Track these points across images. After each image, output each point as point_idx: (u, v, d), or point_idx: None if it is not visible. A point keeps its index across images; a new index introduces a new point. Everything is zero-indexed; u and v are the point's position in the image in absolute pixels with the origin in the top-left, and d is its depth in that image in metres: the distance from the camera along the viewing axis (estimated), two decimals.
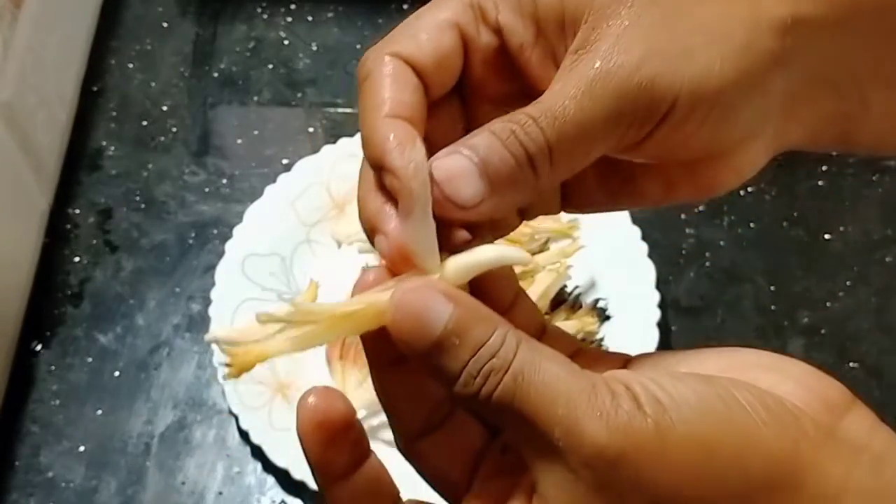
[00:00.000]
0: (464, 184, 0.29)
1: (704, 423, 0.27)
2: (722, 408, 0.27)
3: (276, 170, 0.75)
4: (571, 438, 0.27)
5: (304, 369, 0.68)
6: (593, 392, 0.27)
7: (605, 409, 0.27)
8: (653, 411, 0.27)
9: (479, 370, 0.28)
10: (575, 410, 0.27)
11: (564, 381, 0.28)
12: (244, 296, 0.69)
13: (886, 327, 0.71)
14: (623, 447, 0.26)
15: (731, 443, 0.27)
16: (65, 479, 0.64)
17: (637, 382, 0.28)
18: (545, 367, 0.28)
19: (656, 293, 0.67)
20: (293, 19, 0.85)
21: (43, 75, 0.71)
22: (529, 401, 0.27)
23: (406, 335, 0.29)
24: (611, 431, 0.26)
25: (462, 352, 0.28)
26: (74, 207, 0.75)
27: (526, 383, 0.28)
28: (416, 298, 0.29)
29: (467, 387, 0.28)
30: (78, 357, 0.69)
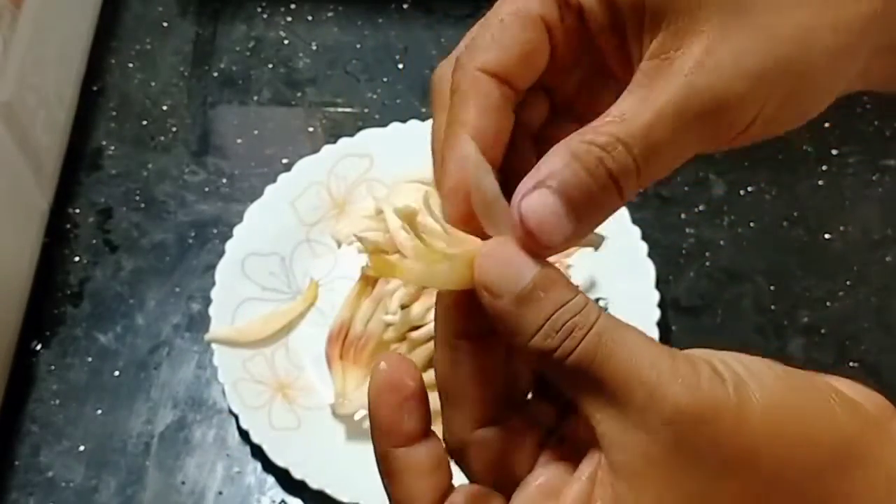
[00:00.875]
0: (553, 229, 0.29)
1: (781, 395, 0.28)
2: (799, 383, 0.28)
3: (276, 169, 0.75)
4: (654, 397, 0.27)
5: (304, 369, 0.68)
6: (674, 359, 0.28)
7: (686, 374, 0.27)
8: (732, 380, 0.27)
9: (563, 325, 0.28)
10: (658, 372, 0.27)
11: (646, 346, 0.28)
12: (244, 295, 0.69)
13: (886, 327, 0.71)
14: (704, 409, 0.27)
15: (807, 415, 0.28)
16: (65, 478, 0.65)
17: (714, 356, 0.28)
18: (628, 332, 0.29)
19: (656, 293, 0.67)
20: (293, 19, 0.85)
21: (43, 75, 0.71)
22: (612, 359, 0.28)
23: (492, 281, 0.29)
24: (693, 393, 0.27)
25: (546, 304, 0.28)
26: (74, 207, 0.75)
27: (610, 341, 0.28)
28: (506, 249, 0.29)
29: (547, 339, 0.28)
30: (78, 357, 0.69)
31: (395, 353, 0.32)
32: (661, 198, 0.76)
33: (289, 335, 0.69)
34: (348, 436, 0.65)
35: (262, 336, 0.68)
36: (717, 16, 0.28)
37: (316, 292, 0.70)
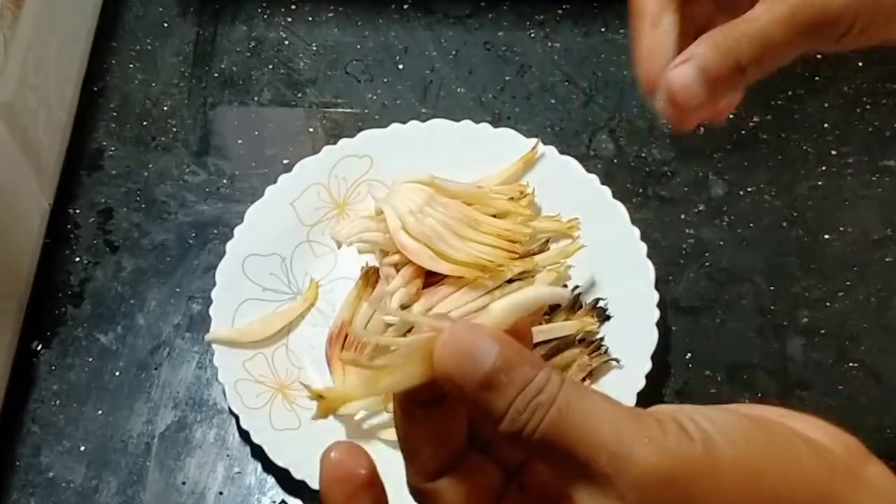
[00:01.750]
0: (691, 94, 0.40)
1: (750, 448, 0.28)
2: (765, 436, 0.28)
3: (277, 170, 0.75)
4: (620, 462, 0.27)
5: (304, 369, 0.68)
6: (639, 420, 0.28)
7: (652, 434, 0.27)
8: (700, 436, 0.27)
9: (526, 406, 0.28)
10: (622, 435, 0.27)
11: (610, 411, 0.28)
12: (244, 296, 0.69)
13: (886, 327, 0.71)
14: (673, 468, 0.27)
15: (777, 466, 0.28)
16: (65, 478, 0.65)
17: (681, 413, 0.28)
18: (589, 399, 0.28)
19: (656, 293, 0.67)
20: (293, 19, 0.85)
21: (43, 75, 0.71)
22: (575, 429, 0.28)
23: (453, 372, 0.29)
24: (660, 453, 0.27)
25: (509, 389, 0.29)
26: (75, 207, 0.75)
27: (571, 413, 0.28)
28: (464, 337, 0.29)
29: (514, 423, 0.28)
30: (78, 357, 0.69)
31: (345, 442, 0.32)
32: (661, 198, 0.76)
33: (289, 335, 0.69)
34: (348, 436, 0.65)
35: (262, 336, 0.68)
36: None
37: (316, 293, 0.71)
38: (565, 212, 0.71)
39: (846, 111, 0.80)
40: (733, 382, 0.68)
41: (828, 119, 0.79)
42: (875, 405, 0.66)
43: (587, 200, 0.71)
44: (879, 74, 0.82)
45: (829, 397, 0.67)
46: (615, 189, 0.72)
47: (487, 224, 0.68)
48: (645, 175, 0.77)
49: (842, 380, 0.68)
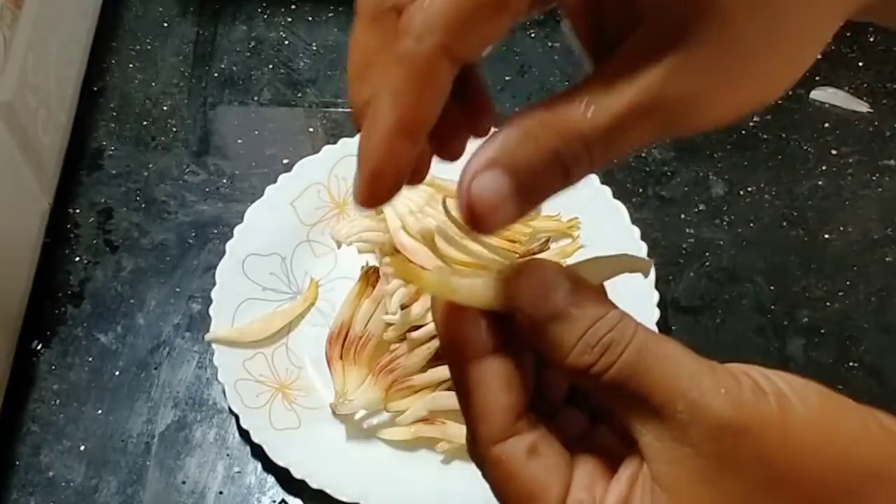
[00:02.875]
0: (501, 212, 0.28)
1: (824, 411, 0.28)
2: (837, 401, 0.28)
3: (277, 170, 0.75)
4: (696, 410, 0.27)
5: (304, 369, 0.68)
6: (715, 371, 0.28)
7: (729, 387, 0.27)
8: (775, 394, 0.28)
9: (598, 341, 0.28)
10: (700, 385, 0.27)
11: (687, 359, 0.28)
12: (244, 295, 0.69)
13: (886, 327, 0.71)
14: (748, 422, 0.27)
15: (849, 432, 0.28)
16: (65, 478, 0.65)
17: (756, 371, 0.28)
18: (667, 344, 0.29)
19: (656, 293, 0.67)
20: (293, 19, 0.85)
21: (43, 75, 0.71)
22: (652, 373, 0.28)
23: (527, 298, 0.29)
24: (736, 405, 0.27)
25: (580, 321, 0.29)
26: (74, 207, 0.75)
27: (651, 356, 0.28)
28: (537, 268, 0.29)
29: (583, 356, 0.28)
30: (78, 356, 0.69)
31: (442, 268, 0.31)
32: (661, 198, 0.76)
33: (289, 335, 0.69)
34: (348, 436, 0.65)
35: (262, 336, 0.68)
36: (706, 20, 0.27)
37: (316, 292, 0.71)
38: (565, 212, 0.71)
39: (846, 111, 0.80)
40: None
41: (828, 119, 0.79)
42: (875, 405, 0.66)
43: (587, 200, 0.71)
44: (880, 74, 0.82)
45: None
46: (615, 189, 0.72)
47: None
48: (645, 175, 0.77)
49: (842, 380, 0.68)
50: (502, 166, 0.28)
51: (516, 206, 0.29)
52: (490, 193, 0.28)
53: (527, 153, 0.28)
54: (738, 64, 0.28)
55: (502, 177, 0.28)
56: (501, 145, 0.28)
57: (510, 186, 0.28)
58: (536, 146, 0.28)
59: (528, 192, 0.29)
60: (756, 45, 0.28)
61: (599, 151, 0.28)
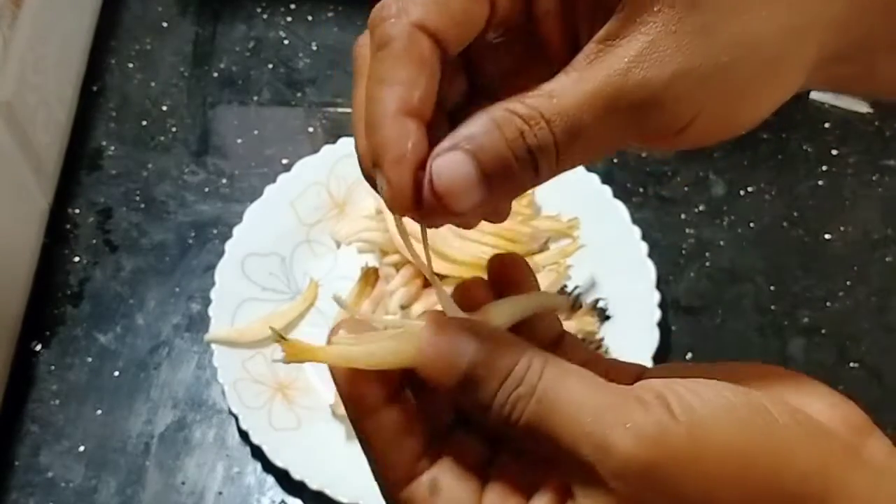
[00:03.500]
0: (464, 195, 0.28)
1: (741, 434, 0.27)
2: (758, 421, 0.27)
3: (276, 170, 0.75)
4: (599, 452, 0.27)
5: (303, 369, 0.68)
6: (622, 404, 0.27)
7: (633, 419, 0.27)
8: (686, 419, 0.26)
9: (507, 398, 0.28)
10: (602, 423, 0.27)
11: (591, 397, 0.28)
12: (244, 295, 0.69)
13: (886, 327, 0.70)
14: (653, 455, 0.26)
15: (768, 455, 0.27)
16: (64, 478, 0.64)
17: (670, 390, 0.27)
18: (570, 386, 0.28)
19: (656, 293, 0.67)
20: (293, 19, 0.85)
21: (43, 75, 0.71)
22: (554, 421, 0.27)
23: (435, 373, 0.29)
24: (640, 441, 0.26)
25: (491, 383, 0.28)
26: (74, 207, 0.75)
27: (550, 404, 0.28)
28: (440, 340, 0.29)
29: (499, 415, 0.28)
30: (78, 357, 0.69)
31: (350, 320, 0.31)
32: (661, 198, 0.76)
33: (289, 335, 0.69)
34: (348, 436, 0.65)
35: (261, 336, 0.68)
36: (668, 9, 0.27)
37: (316, 292, 0.70)
38: (565, 212, 0.71)
39: (846, 111, 0.80)
40: None
41: (828, 119, 0.79)
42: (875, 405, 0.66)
43: (587, 200, 0.71)
44: None
45: None
46: (615, 189, 0.72)
47: (487, 224, 0.67)
48: (645, 175, 0.77)
49: (842, 380, 0.68)
50: (467, 150, 0.28)
51: (481, 193, 0.28)
52: (454, 175, 0.28)
53: (491, 137, 0.28)
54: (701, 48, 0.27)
55: (467, 159, 0.28)
56: (467, 129, 0.28)
57: (475, 170, 0.28)
58: (501, 131, 0.28)
59: (493, 180, 0.28)
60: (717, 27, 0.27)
61: (565, 140, 0.28)
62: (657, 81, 0.27)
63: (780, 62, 0.28)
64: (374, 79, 0.29)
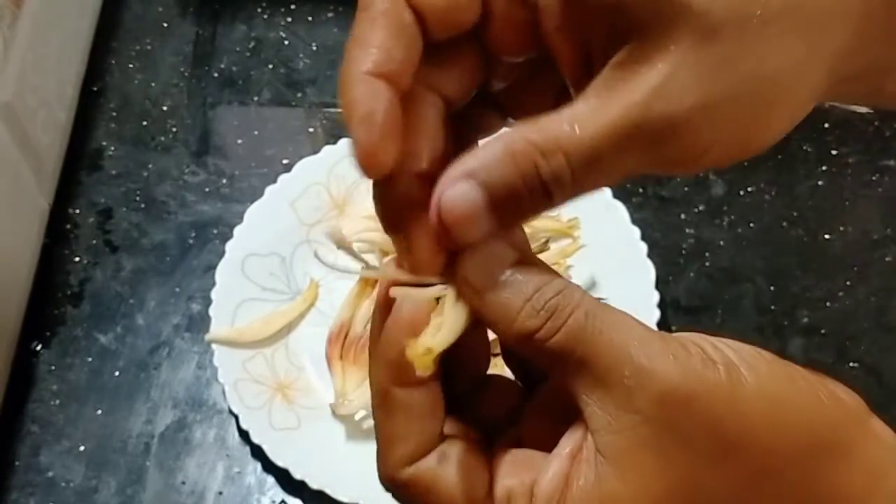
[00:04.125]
0: (472, 226, 0.28)
1: (773, 381, 0.28)
2: (787, 371, 0.28)
3: (277, 170, 0.75)
4: (643, 376, 0.27)
5: (304, 369, 0.68)
6: (664, 341, 0.28)
7: (677, 354, 0.27)
8: (724, 363, 0.27)
9: (544, 304, 0.28)
10: (648, 351, 0.27)
11: (635, 326, 0.28)
12: (244, 296, 0.69)
13: (886, 327, 0.71)
14: (695, 389, 0.27)
15: (798, 400, 0.28)
16: (64, 478, 0.64)
17: (706, 340, 0.28)
18: (614, 311, 0.28)
19: (656, 293, 0.67)
20: (293, 19, 0.85)
21: (43, 75, 0.71)
22: (599, 338, 0.27)
23: (473, 274, 0.29)
24: (684, 372, 0.27)
25: (526, 285, 0.28)
26: (74, 207, 0.75)
27: (599, 320, 0.28)
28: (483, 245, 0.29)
29: (530, 320, 0.28)
30: (78, 357, 0.69)
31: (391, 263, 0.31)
32: (661, 198, 0.76)
33: (289, 335, 0.69)
34: (348, 436, 0.65)
35: (262, 336, 0.68)
36: (688, 37, 0.27)
37: (316, 292, 0.70)
38: (565, 212, 0.71)
39: (846, 111, 0.80)
40: None
41: (828, 119, 0.79)
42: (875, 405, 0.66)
43: (587, 200, 0.71)
44: None
45: None
46: (615, 189, 0.72)
47: None
48: (645, 175, 0.77)
49: (842, 380, 0.68)
50: (477, 179, 0.27)
51: (489, 223, 0.28)
52: (461, 205, 0.27)
53: (504, 168, 0.27)
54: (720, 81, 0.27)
55: (476, 189, 0.27)
56: (479, 158, 0.28)
57: (484, 200, 0.27)
58: (515, 162, 0.27)
59: (503, 210, 0.28)
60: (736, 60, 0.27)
61: (582, 172, 0.27)
62: (677, 114, 0.27)
63: (794, 91, 0.28)
64: (351, 40, 0.28)
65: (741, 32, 0.27)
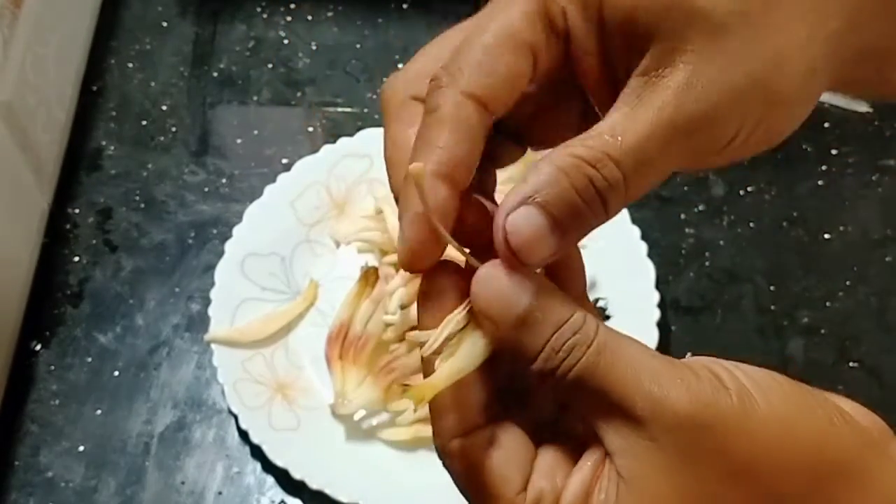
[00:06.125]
0: (538, 247, 0.29)
1: (787, 409, 0.28)
2: (800, 396, 0.29)
3: (276, 169, 0.75)
4: (656, 406, 0.28)
5: (303, 369, 0.68)
6: (675, 368, 0.28)
7: (689, 382, 0.28)
8: (736, 389, 0.28)
9: (563, 345, 0.29)
10: (659, 381, 0.28)
11: (647, 357, 0.29)
12: (244, 295, 0.69)
13: (886, 327, 0.71)
14: (706, 417, 0.27)
15: (811, 426, 0.28)
16: (64, 478, 0.64)
17: (718, 365, 0.29)
18: (628, 343, 0.29)
19: (656, 293, 0.67)
20: (293, 19, 0.85)
21: (43, 75, 0.71)
22: (613, 372, 0.28)
23: (492, 309, 0.29)
24: (695, 401, 0.28)
25: (545, 327, 0.29)
26: (74, 207, 0.75)
27: (611, 355, 0.29)
28: (499, 277, 0.29)
29: (549, 361, 0.29)
30: (78, 357, 0.69)
31: None
32: (661, 198, 0.76)
33: (288, 335, 0.69)
34: (348, 436, 0.65)
35: (261, 336, 0.68)
36: (702, 37, 0.29)
37: (315, 292, 0.70)
38: None
39: (846, 111, 0.80)
40: None
41: (828, 119, 0.79)
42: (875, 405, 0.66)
43: None
44: None
45: None
46: None
47: None
48: None
49: (842, 380, 0.68)
50: (536, 203, 0.29)
51: (555, 242, 0.29)
52: (525, 230, 0.29)
53: (559, 185, 0.29)
54: (738, 69, 0.29)
55: (537, 213, 0.29)
56: (534, 182, 0.29)
57: (547, 221, 0.29)
58: (568, 178, 0.29)
59: (565, 227, 0.29)
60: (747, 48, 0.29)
61: (633, 176, 0.29)
62: (706, 106, 0.29)
63: (807, 72, 0.30)
64: (419, 140, 0.30)
65: (747, 23, 0.29)
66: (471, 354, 0.30)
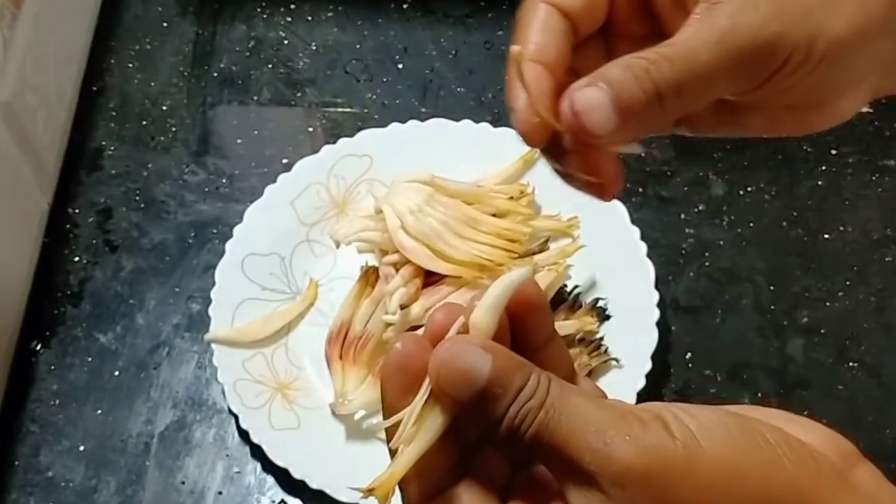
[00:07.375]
0: (598, 116, 0.34)
1: (732, 450, 0.29)
2: (748, 437, 0.29)
3: (276, 169, 0.75)
4: (601, 460, 0.28)
5: (303, 369, 0.68)
6: (622, 419, 0.29)
7: (633, 433, 0.29)
8: (682, 435, 0.28)
9: (518, 412, 0.29)
10: (604, 435, 0.29)
11: (593, 411, 0.29)
12: (244, 295, 0.69)
13: (886, 327, 0.70)
14: (651, 465, 0.28)
15: (758, 469, 0.28)
16: (64, 478, 0.65)
17: (667, 411, 0.29)
18: (574, 400, 0.30)
19: (656, 293, 0.67)
20: (293, 19, 0.85)
21: (43, 75, 0.71)
22: (560, 430, 0.29)
23: (453, 388, 0.30)
24: (639, 451, 0.28)
25: (504, 399, 0.30)
26: (74, 207, 0.75)
27: (557, 414, 0.29)
28: (457, 353, 0.30)
29: (510, 429, 0.30)
30: (78, 357, 0.69)
31: (411, 334, 0.32)
32: (661, 198, 0.76)
33: (288, 335, 0.69)
34: (348, 436, 0.65)
35: (261, 336, 0.68)
36: None
37: (315, 292, 0.70)
38: (565, 211, 0.71)
39: None
40: (733, 382, 0.68)
41: None
42: (875, 405, 0.66)
43: (587, 200, 0.71)
44: None
45: (829, 397, 0.67)
46: None
47: (487, 223, 0.68)
48: (645, 175, 0.77)
49: (842, 380, 0.68)
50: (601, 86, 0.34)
51: (616, 120, 0.33)
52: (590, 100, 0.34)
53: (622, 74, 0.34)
54: None
55: (601, 90, 0.34)
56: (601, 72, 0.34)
57: (609, 100, 0.33)
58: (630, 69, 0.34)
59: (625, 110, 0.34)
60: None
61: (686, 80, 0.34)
62: (756, 24, 0.34)
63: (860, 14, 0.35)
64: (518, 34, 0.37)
65: None
66: (432, 430, 0.31)
